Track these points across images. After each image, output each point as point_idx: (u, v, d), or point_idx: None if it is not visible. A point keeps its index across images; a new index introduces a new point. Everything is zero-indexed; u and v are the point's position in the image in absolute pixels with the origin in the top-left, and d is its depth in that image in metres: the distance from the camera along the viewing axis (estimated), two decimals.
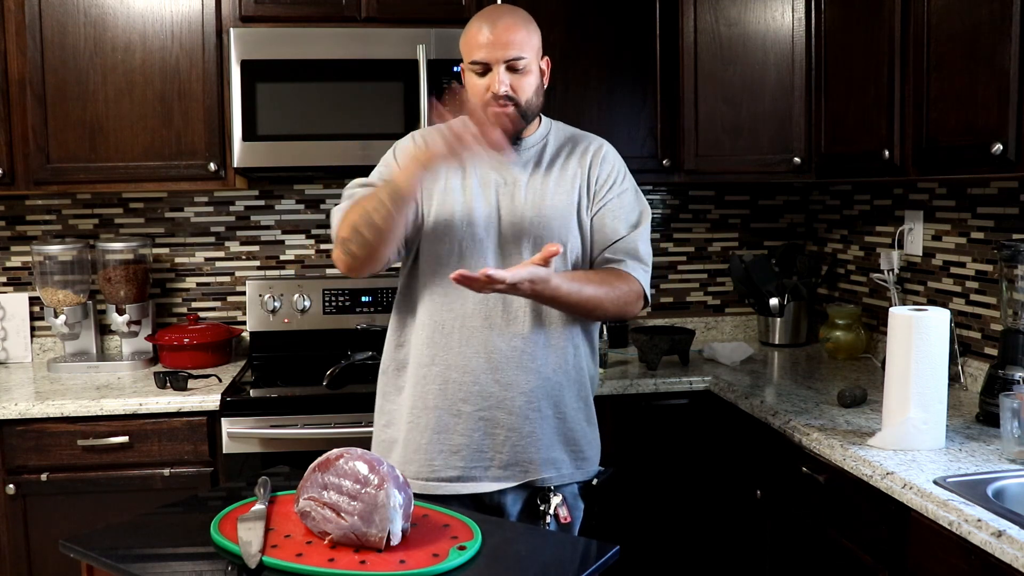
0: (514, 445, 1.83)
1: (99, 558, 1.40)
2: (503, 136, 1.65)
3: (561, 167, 1.91)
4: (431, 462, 1.84)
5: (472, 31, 1.81)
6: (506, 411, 1.83)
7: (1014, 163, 1.80)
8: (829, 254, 3.16)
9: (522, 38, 1.79)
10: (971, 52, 1.90)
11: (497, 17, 1.81)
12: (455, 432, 1.83)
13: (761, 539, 2.34)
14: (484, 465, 1.84)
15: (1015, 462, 1.74)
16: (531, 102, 1.83)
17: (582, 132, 2.00)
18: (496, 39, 1.77)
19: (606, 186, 1.92)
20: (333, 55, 2.62)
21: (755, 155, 2.75)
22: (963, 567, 1.51)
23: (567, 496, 1.89)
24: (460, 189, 1.85)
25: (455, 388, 1.83)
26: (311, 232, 3.12)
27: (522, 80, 1.80)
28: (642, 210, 1.95)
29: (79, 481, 2.42)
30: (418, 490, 1.79)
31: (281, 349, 2.95)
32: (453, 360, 1.83)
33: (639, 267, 1.89)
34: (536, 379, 1.84)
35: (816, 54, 2.60)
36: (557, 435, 1.87)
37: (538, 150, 1.92)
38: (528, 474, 1.85)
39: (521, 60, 1.79)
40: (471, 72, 1.82)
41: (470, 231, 1.83)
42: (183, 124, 2.67)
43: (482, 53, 1.78)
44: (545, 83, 1.90)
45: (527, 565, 1.41)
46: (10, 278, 3.02)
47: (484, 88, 1.80)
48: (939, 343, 1.80)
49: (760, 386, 2.48)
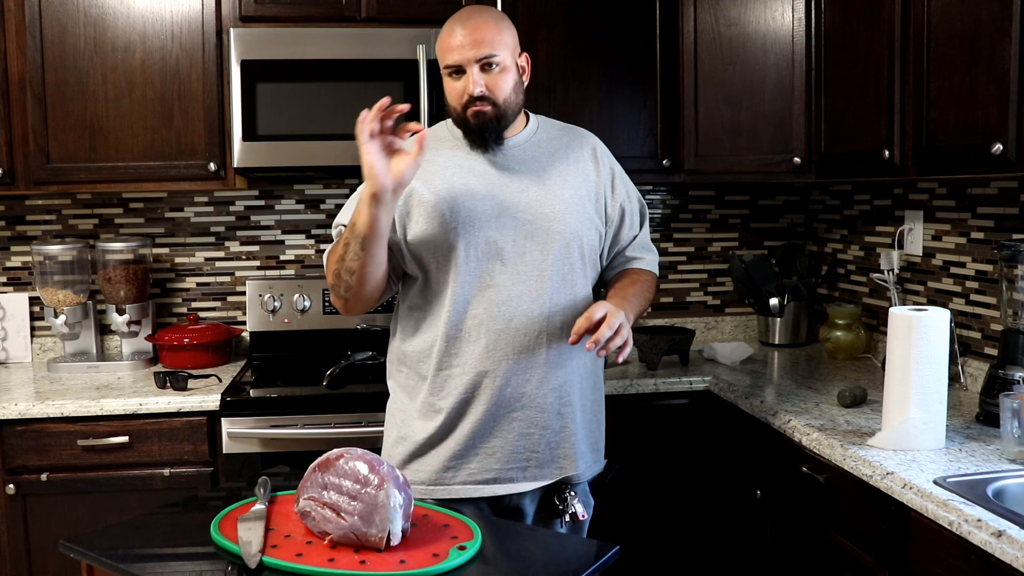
0: (549, 442, 1.85)
1: (99, 558, 1.40)
2: (379, 155, 1.62)
3: (565, 162, 1.90)
4: (468, 466, 1.83)
5: (444, 36, 1.80)
6: (539, 410, 1.83)
7: (1014, 163, 1.80)
8: (829, 254, 3.16)
9: (492, 36, 1.76)
10: (971, 52, 1.90)
11: (467, 18, 1.79)
12: (492, 435, 1.82)
13: (761, 539, 2.34)
14: (521, 466, 1.84)
15: (1015, 462, 1.74)
16: (509, 100, 1.81)
17: (567, 125, 2.00)
18: (467, 40, 1.75)
19: (614, 183, 1.95)
20: (333, 55, 2.62)
21: (755, 155, 2.75)
22: (963, 567, 1.51)
23: (579, 493, 1.91)
24: (469, 202, 1.81)
25: (487, 392, 1.81)
26: (311, 232, 3.12)
27: (497, 79, 1.78)
28: (639, 198, 2.03)
29: (79, 481, 2.42)
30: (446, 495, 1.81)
31: (281, 349, 2.95)
32: (480, 365, 1.80)
33: (653, 257, 2.03)
34: (563, 374, 1.85)
35: (816, 54, 2.60)
36: (584, 429, 1.90)
37: (532, 146, 1.90)
38: (564, 470, 1.87)
39: (494, 58, 1.76)
40: (448, 77, 1.81)
41: (483, 234, 1.80)
42: (183, 124, 2.67)
43: (454, 56, 1.77)
44: (525, 80, 1.88)
45: (527, 565, 1.41)
46: (10, 278, 3.02)
47: (461, 92, 1.79)
48: (939, 343, 1.80)
49: (760, 386, 2.48)
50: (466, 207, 1.81)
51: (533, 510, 1.89)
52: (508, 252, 1.81)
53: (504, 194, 1.83)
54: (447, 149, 1.88)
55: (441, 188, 1.82)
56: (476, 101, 1.77)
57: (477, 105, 1.78)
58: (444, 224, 1.80)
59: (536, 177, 1.86)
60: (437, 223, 1.80)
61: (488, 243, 1.80)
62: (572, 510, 1.86)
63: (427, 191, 1.82)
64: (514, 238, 1.82)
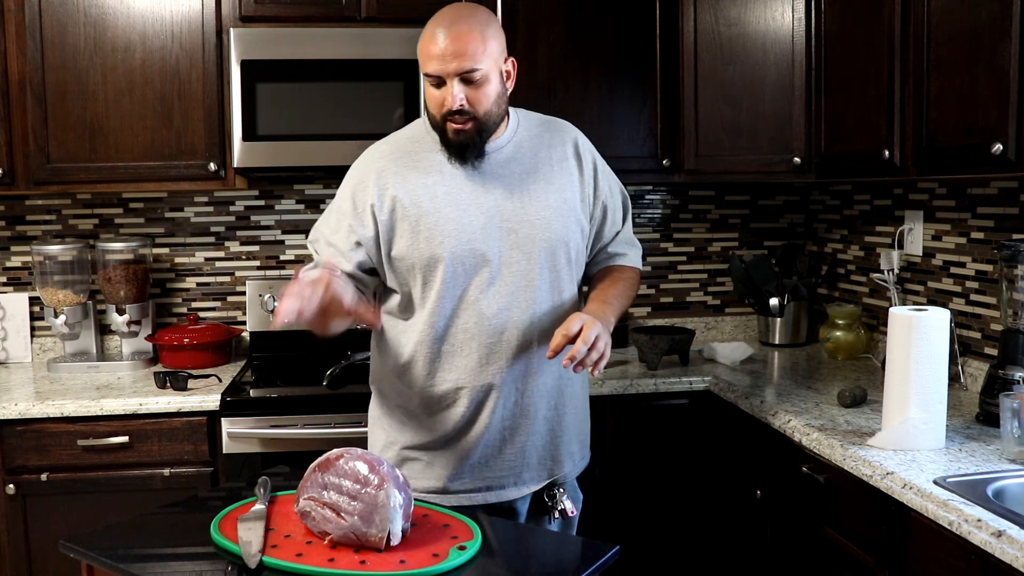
0: (540, 449, 1.84)
1: (99, 558, 1.40)
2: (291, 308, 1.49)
3: (549, 162, 1.84)
4: (461, 481, 1.82)
5: (426, 38, 1.71)
6: (531, 419, 1.82)
7: (1014, 163, 1.80)
8: (829, 254, 3.16)
9: (475, 47, 1.67)
10: (971, 52, 1.90)
11: (450, 23, 1.69)
12: (485, 448, 1.81)
13: (761, 539, 2.34)
14: (515, 473, 1.83)
15: (1015, 462, 1.74)
16: (490, 112, 1.73)
17: (549, 118, 1.93)
18: (448, 50, 1.67)
19: (596, 177, 1.89)
20: (333, 55, 2.62)
21: (755, 155, 2.75)
22: (963, 567, 1.51)
23: (568, 489, 1.91)
24: (453, 212, 1.76)
25: (482, 406, 1.79)
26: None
27: (478, 92, 1.70)
28: (622, 190, 1.99)
29: (79, 481, 2.42)
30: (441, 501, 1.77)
31: (281, 349, 2.95)
32: (474, 379, 1.78)
33: (636, 251, 1.99)
34: (554, 382, 1.84)
35: (816, 54, 2.60)
36: (573, 429, 1.90)
37: (514, 147, 1.83)
38: (553, 473, 1.87)
39: (476, 72, 1.68)
40: (427, 81, 1.73)
41: (468, 246, 1.74)
42: (183, 124, 2.67)
43: (434, 65, 1.69)
44: (510, 86, 1.80)
45: (527, 565, 1.41)
46: (10, 278, 3.02)
47: (440, 102, 1.72)
48: (939, 343, 1.80)
49: (760, 386, 2.48)
50: (451, 218, 1.75)
51: (525, 509, 1.89)
52: (495, 263, 1.76)
53: (488, 202, 1.77)
54: (427, 152, 1.81)
55: (424, 200, 1.76)
56: (455, 115, 1.71)
57: (457, 121, 1.71)
58: (429, 238, 1.74)
59: (519, 182, 1.80)
60: (423, 237, 1.75)
61: (474, 255, 1.75)
62: (561, 507, 1.86)
63: (411, 204, 1.76)
64: (500, 248, 1.77)
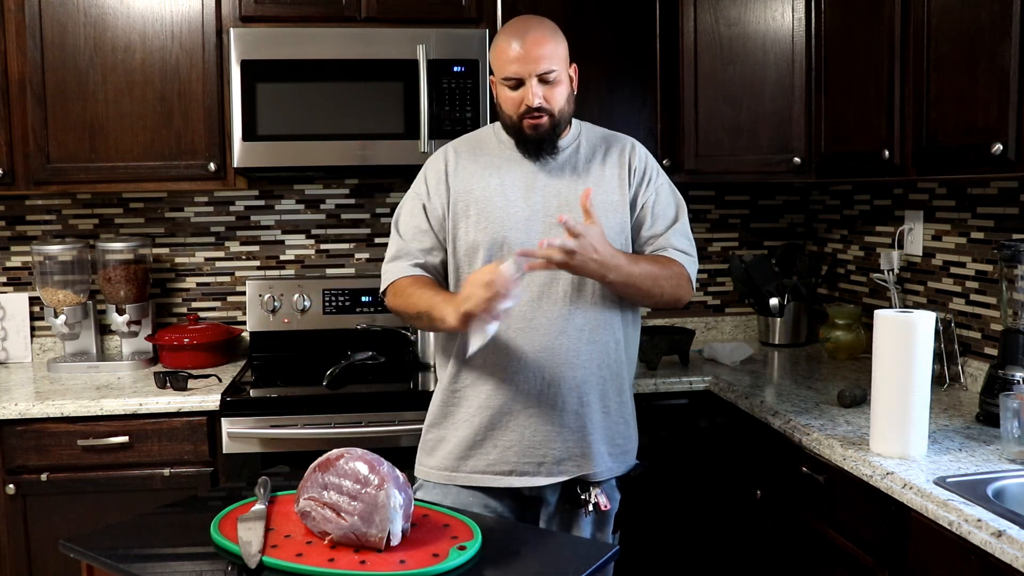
0: (565, 441, 1.88)
1: (99, 558, 1.40)
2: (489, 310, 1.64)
3: (600, 168, 1.95)
4: (486, 455, 1.88)
5: (502, 46, 1.85)
6: (556, 408, 1.87)
7: (1014, 163, 1.80)
8: (829, 254, 3.16)
9: (551, 50, 1.84)
10: (971, 52, 1.90)
11: (526, 31, 1.85)
12: (508, 429, 1.87)
13: (761, 539, 2.34)
14: (537, 461, 1.88)
15: (1015, 462, 1.74)
16: (563, 111, 1.88)
17: (612, 132, 2.05)
18: (527, 53, 1.82)
19: (642, 184, 1.97)
20: (333, 55, 2.62)
21: (755, 155, 2.75)
22: (963, 567, 1.51)
23: (605, 487, 1.94)
24: (501, 201, 1.88)
25: (506, 389, 1.86)
26: (311, 232, 3.12)
27: (554, 91, 1.85)
28: (678, 204, 2.02)
29: (79, 481, 2.42)
30: (465, 482, 1.88)
31: (281, 349, 2.95)
32: (502, 362, 1.86)
33: (680, 255, 1.96)
34: (582, 375, 1.87)
35: (816, 54, 2.60)
36: (603, 430, 1.92)
37: (572, 152, 1.95)
38: (580, 469, 1.90)
39: (552, 72, 1.83)
40: (504, 86, 1.87)
41: (509, 236, 1.86)
42: (183, 124, 2.67)
43: (514, 68, 1.83)
44: (575, 89, 1.94)
45: (527, 565, 1.42)
46: (10, 278, 3.02)
47: (518, 101, 1.85)
48: (924, 346, 1.76)
49: (760, 386, 2.48)
50: (499, 207, 1.87)
51: (555, 499, 1.93)
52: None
53: (535, 197, 1.89)
54: (489, 149, 1.96)
55: (477, 189, 1.90)
56: (534, 112, 1.84)
57: (535, 117, 1.84)
58: (476, 223, 1.88)
59: (569, 184, 1.91)
60: (471, 222, 1.88)
61: (516, 245, 1.84)
62: (595, 500, 1.90)
63: (463, 191, 1.90)
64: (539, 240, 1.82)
